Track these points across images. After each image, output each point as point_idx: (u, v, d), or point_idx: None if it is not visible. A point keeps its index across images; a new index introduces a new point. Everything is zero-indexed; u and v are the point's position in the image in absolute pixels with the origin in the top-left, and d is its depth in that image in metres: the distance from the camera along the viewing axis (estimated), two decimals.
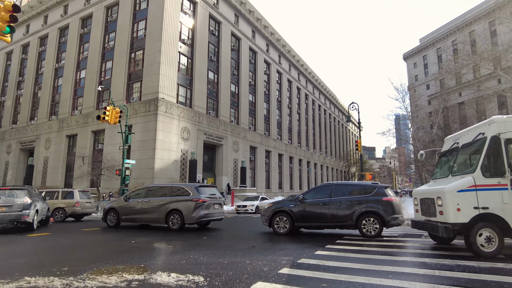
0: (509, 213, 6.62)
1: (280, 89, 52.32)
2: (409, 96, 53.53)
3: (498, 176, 6.84)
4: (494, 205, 6.69)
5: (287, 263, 6.52)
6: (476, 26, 49.37)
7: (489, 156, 7.06)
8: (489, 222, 6.72)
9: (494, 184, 6.82)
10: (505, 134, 6.94)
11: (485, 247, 6.70)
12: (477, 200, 6.75)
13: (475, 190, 6.81)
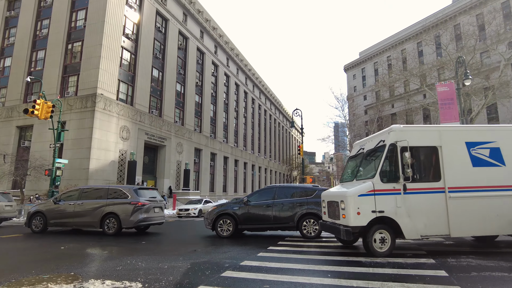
0: (400, 216, 7.13)
1: (227, 91, 52.27)
2: (348, 106, 57.12)
3: (393, 181, 7.30)
4: (389, 209, 7.12)
5: (230, 266, 6.44)
6: (407, 45, 54.47)
7: (387, 163, 7.49)
8: (384, 225, 7.18)
9: (390, 189, 7.24)
10: (401, 142, 7.41)
11: (379, 248, 7.15)
12: (375, 204, 7.10)
13: (374, 195, 7.15)
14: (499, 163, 7.74)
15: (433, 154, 7.72)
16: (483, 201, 7.48)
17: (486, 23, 33.25)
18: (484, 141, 7.84)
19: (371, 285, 5.07)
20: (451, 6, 50.36)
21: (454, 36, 42.43)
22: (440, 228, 7.27)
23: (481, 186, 7.55)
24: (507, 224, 7.49)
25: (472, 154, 7.73)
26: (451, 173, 7.53)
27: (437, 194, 7.43)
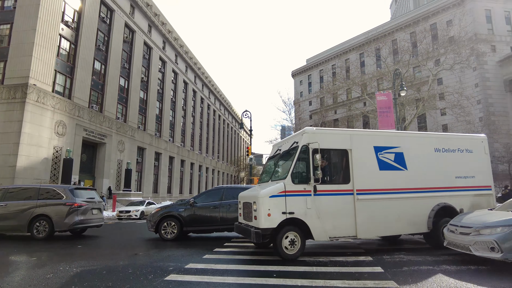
0: (310, 217, 7.16)
1: (175, 89, 50.80)
2: (295, 110, 59.00)
3: (304, 183, 7.33)
4: (299, 210, 7.10)
5: (174, 269, 6.23)
6: (351, 55, 57.90)
7: (299, 164, 7.53)
8: (294, 226, 7.12)
9: (300, 190, 7.24)
10: (313, 144, 7.46)
11: (289, 250, 7.05)
12: (285, 206, 7.03)
13: (285, 196, 7.08)
14: (402, 167, 8.28)
15: (343, 157, 7.93)
16: (387, 203, 7.90)
17: (418, 41, 36.70)
18: (390, 146, 8.31)
19: (314, 284, 5.24)
20: (390, 23, 54.67)
21: (392, 50, 46.13)
22: (348, 230, 7.45)
23: (386, 188, 7.98)
24: (407, 224, 8.04)
25: (379, 158, 8.11)
26: (359, 176, 7.79)
27: (346, 196, 7.61)
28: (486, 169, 9.28)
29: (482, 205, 8.81)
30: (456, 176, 8.78)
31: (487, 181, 9.17)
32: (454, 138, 9.31)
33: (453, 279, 5.40)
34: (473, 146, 9.26)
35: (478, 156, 9.24)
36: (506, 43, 41.84)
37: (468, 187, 8.85)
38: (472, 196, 8.83)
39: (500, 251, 5.86)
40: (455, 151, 8.97)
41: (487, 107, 39.18)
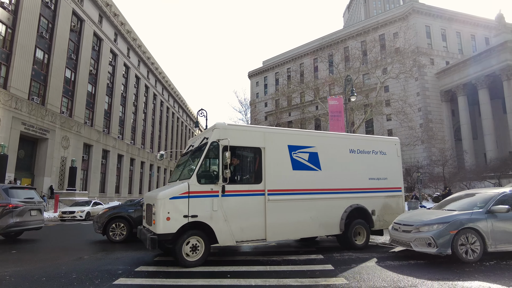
0: (216, 220, 6.59)
1: (126, 84, 48.51)
2: (251, 111, 59.39)
3: (212, 182, 6.74)
4: (204, 213, 6.50)
5: (124, 273, 5.93)
6: (305, 59, 59.69)
7: (207, 162, 7.00)
8: (197, 230, 6.50)
9: (207, 191, 6.63)
10: (223, 141, 6.86)
11: (190, 256, 6.40)
12: (188, 208, 6.38)
13: (188, 197, 6.42)
14: (316, 168, 8.03)
15: (256, 155, 7.48)
16: (300, 204, 7.62)
17: (368, 50, 38.89)
18: (305, 145, 8.01)
19: (268, 283, 5.30)
20: (342, 30, 57.26)
21: (344, 57, 48.40)
22: (257, 232, 7.03)
23: (299, 189, 7.67)
24: (320, 226, 7.82)
25: (293, 157, 7.77)
26: (272, 176, 7.39)
27: (257, 196, 7.16)
28: (398, 171, 9.47)
29: (392, 207, 9.04)
30: (370, 178, 8.81)
31: (398, 182, 9.37)
32: (369, 139, 9.45)
33: (395, 273, 5.78)
34: (387, 148, 9.36)
35: (391, 158, 9.37)
36: (442, 57, 45.91)
37: (381, 189, 8.93)
38: (384, 198, 8.93)
39: (436, 246, 6.40)
40: (370, 152, 8.99)
41: (426, 115, 42.68)
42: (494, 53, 36.87)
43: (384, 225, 8.81)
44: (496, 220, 6.70)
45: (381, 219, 8.78)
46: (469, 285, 5.08)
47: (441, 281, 5.27)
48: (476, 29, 48.74)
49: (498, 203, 6.92)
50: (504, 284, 5.10)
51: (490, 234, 6.57)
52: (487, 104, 38.26)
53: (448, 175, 30.37)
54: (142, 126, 55.07)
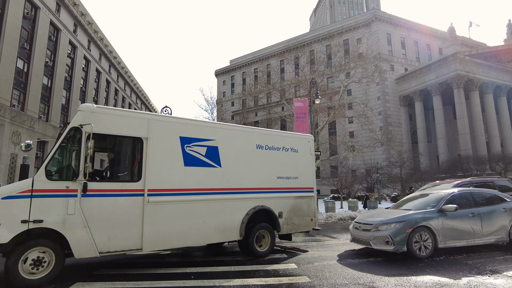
0: (71, 226, 5.25)
1: (86, 78, 46.17)
2: (217, 110, 58.96)
3: (68, 179, 5.48)
4: (53, 217, 5.15)
5: (81, 276, 5.63)
6: (272, 60, 60.29)
7: (63, 153, 5.80)
8: (43, 240, 5.17)
9: (60, 190, 5.31)
10: (87, 126, 5.49)
11: (33, 273, 5.02)
12: (29, 211, 5.00)
13: (31, 197, 5.07)
14: (215, 164, 6.99)
15: (136, 147, 6.23)
16: (191, 206, 6.53)
17: (333, 54, 40.03)
18: (202, 138, 6.91)
19: (232, 283, 5.30)
20: (308, 34, 58.56)
21: (310, 60, 49.40)
22: (131, 241, 5.77)
23: (192, 189, 6.57)
24: (215, 231, 6.75)
25: (186, 151, 6.58)
26: (156, 172, 6.19)
27: (133, 197, 5.91)
28: (311, 170, 8.85)
29: (303, 209, 8.37)
30: (278, 177, 8.05)
31: (310, 182, 8.74)
32: (279, 135, 8.69)
33: (356, 271, 6.00)
34: (300, 145, 8.70)
35: (304, 156, 8.72)
36: (401, 64, 48.42)
37: (291, 189, 8.22)
38: (294, 199, 8.23)
39: (393, 244, 6.72)
40: (280, 149, 8.21)
41: (386, 118, 44.79)
42: (446, 63, 39.51)
43: (293, 229, 8.15)
44: (446, 219, 7.17)
45: (290, 222, 8.03)
46: (422, 279, 5.39)
47: (397, 277, 5.54)
48: (431, 39, 51.95)
49: (448, 203, 7.41)
50: (451, 277, 5.48)
51: (440, 232, 7.02)
52: (440, 110, 40.90)
53: (405, 176, 32.06)
54: None
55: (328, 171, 42.92)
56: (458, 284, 5.14)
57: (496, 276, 5.54)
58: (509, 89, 42.44)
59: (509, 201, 8.17)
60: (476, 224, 7.40)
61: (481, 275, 5.64)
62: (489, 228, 7.53)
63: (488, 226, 7.52)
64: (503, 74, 41.91)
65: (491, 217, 7.63)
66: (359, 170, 40.77)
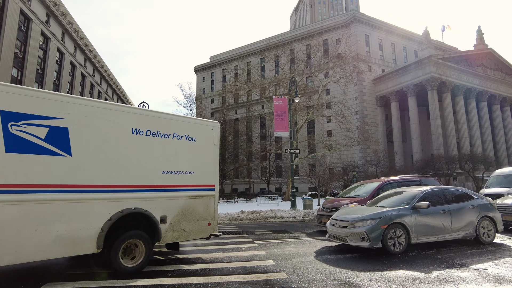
0: None
1: (60, 71, 44.50)
2: (196, 106, 58.39)
3: None
4: None
5: (53, 276, 5.43)
6: (252, 58, 60.30)
7: None
8: None
9: None
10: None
11: None
12: None
13: None
14: (62, 152, 5.21)
15: None
16: (15, 209, 4.70)
17: (312, 53, 40.60)
18: (43, 115, 5.08)
19: (210, 280, 5.27)
20: (289, 33, 58.94)
21: (290, 59, 49.77)
22: None
23: (18, 185, 4.76)
24: (55, 243, 4.96)
25: (11, 132, 4.76)
26: None
27: None
28: (212, 164, 7.43)
29: (198, 211, 6.93)
30: (164, 171, 6.46)
31: (210, 179, 7.36)
32: (169, 118, 6.88)
33: (332, 267, 6.12)
34: (199, 133, 7.19)
35: (204, 146, 7.25)
36: (378, 65, 49.65)
37: (182, 186, 6.72)
38: (186, 199, 6.74)
39: (369, 240, 6.90)
40: (169, 136, 6.61)
41: (363, 118, 45.83)
42: (421, 65, 40.87)
43: (182, 236, 6.63)
44: (419, 215, 7.43)
45: (178, 228, 6.51)
46: (395, 274, 5.56)
47: (372, 272, 5.70)
48: (408, 42, 53.56)
49: (421, 200, 7.68)
50: (423, 271, 5.69)
51: (414, 228, 7.27)
52: (414, 111, 42.29)
53: (380, 174, 32.95)
54: None
55: (306, 169, 43.47)
56: (429, 277, 5.34)
57: (463, 270, 5.80)
58: (478, 92, 44.44)
59: (476, 198, 8.56)
60: (446, 221, 7.71)
61: (450, 268, 5.89)
62: (458, 224, 7.86)
63: (457, 222, 7.85)
64: (472, 78, 43.85)
65: (460, 214, 7.97)
66: (336, 168, 41.56)
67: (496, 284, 5.00)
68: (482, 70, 45.69)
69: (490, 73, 46.84)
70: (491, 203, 8.65)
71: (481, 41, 47.42)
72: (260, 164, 51.74)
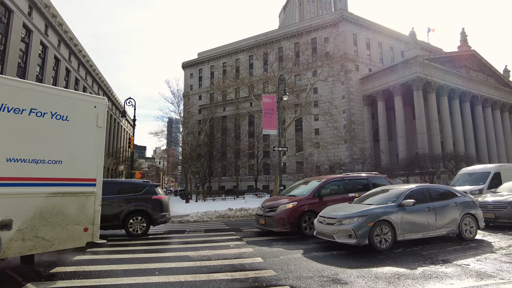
0: None
1: (43, 65, 43.31)
2: (184, 103, 57.82)
3: None
4: None
5: (34, 276, 5.30)
6: (241, 55, 60.11)
7: None
8: None
9: None
10: None
11: None
12: None
13: None
14: None
15: None
16: None
17: (301, 51, 40.62)
18: None
19: (198, 278, 5.23)
20: (278, 30, 58.97)
21: (278, 57, 49.85)
22: None
23: None
24: None
25: None
26: None
27: None
28: (94, 153, 5.93)
29: (67, 211, 5.44)
30: (10, 158, 4.90)
31: (89, 171, 5.83)
32: (21, 88, 5.23)
33: (320, 264, 6.16)
34: (74, 111, 5.70)
35: (81, 128, 5.79)
36: (366, 64, 50.20)
37: (40, 180, 5.19)
38: (47, 196, 5.22)
39: (356, 237, 6.97)
40: (20, 111, 5.05)
41: (350, 116, 46.31)
42: (407, 65, 41.52)
43: (39, 247, 5.14)
44: (405, 213, 7.55)
45: (31, 236, 5.02)
46: (382, 270, 5.64)
47: (359, 269, 5.76)
48: (394, 42, 54.30)
49: (406, 198, 7.81)
50: (408, 267, 5.79)
51: (399, 225, 7.39)
52: (400, 110, 42.98)
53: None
54: None
55: (294, 166, 43.68)
56: (414, 273, 5.44)
57: (447, 266, 5.93)
58: (461, 93, 45.49)
59: (459, 196, 8.76)
60: (431, 218, 7.87)
61: (434, 264, 6.01)
62: (442, 221, 8.03)
63: (442, 219, 8.02)
64: (456, 79, 44.85)
65: (444, 211, 8.14)
66: (323, 166, 41.90)
67: (478, 279, 5.13)
68: (466, 71, 46.78)
69: (473, 74, 48.01)
70: (473, 201, 8.87)
71: (464, 43, 48.52)
72: (248, 162, 51.73)
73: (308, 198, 10.08)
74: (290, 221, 9.49)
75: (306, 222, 9.66)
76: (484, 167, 16.35)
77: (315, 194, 10.19)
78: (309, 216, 9.70)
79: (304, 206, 9.82)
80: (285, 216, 9.55)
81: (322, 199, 10.11)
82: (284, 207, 9.75)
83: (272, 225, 9.82)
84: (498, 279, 5.14)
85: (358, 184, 10.90)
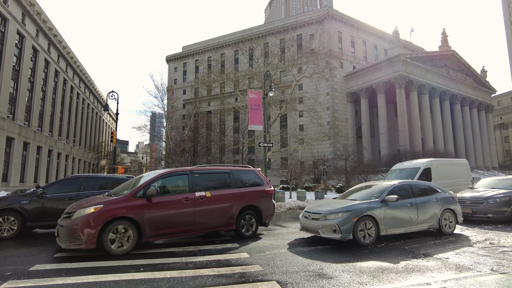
0: None
1: (20, 56, 41.69)
2: (168, 97, 57.04)
3: None
4: None
5: (14, 274, 5.15)
6: (226, 50, 59.58)
7: None
8: None
9: None
10: None
11: None
12: None
13: None
14: None
15: None
16: None
17: (286, 48, 40.76)
18: None
19: (184, 274, 5.22)
20: (263, 26, 58.76)
21: (264, 53, 49.76)
22: None
23: None
24: None
25: None
26: None
27: None
28: None
29: None
30: None
31: None
32: None
33: (305, 259, 6.23)
34: None
35: None
36: (350, 62, 50.74)
37: None
38: None
39: (340, 232, 7.09)
40: None
41: (334, 113, 46.81)
42: (390, 64, 42.23)
43: None
44: (388, 208, 7.73)
45: None
46: (366, 265, 5.76)
47: (344, 263, 5.87)
48: (378, 40, 55.05)
49: (390, 194, 7.99)
50: (391, 261, 5.94)
51: (383, 220, 7.56)
52: (383, 107, 43.74)
53: (349, 169, 33.89)
54: (40, 105, 48.25)
55: (278, 162, 43.86)
56: (397, 267, 5.58)
57: (428, 259, 6.12)
58: (441, 92, 46.68)
59: (440, 192, 9.03)
60: (413, 213, 8.08)
61: (416, 258, 6.19)
62: (424, 217, 8.27)
63: (423, 214, 8.26)
64: (437, 78, 45.97)
65: (426, 207, 8.38)
66: (307, 162, 42.27)
67: (457, 272, 5.32)
68: (446, 70, 47.99)
69: (453, 73, 49.33)
70: (453, 197, 9.16)
71: (445, 43, 49.73)
72: (233, 157, 51.61)
73: (125, 199, 6.99)
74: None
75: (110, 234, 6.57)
76: (416, 162, 16.25)
77: (137, 193, 7.14)
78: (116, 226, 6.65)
79: (113, 211, 6.70)
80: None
81: (151, 201, 7.15)
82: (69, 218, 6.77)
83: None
84: (476, 271, 5.34)
85: (214, 180, 8.51)
